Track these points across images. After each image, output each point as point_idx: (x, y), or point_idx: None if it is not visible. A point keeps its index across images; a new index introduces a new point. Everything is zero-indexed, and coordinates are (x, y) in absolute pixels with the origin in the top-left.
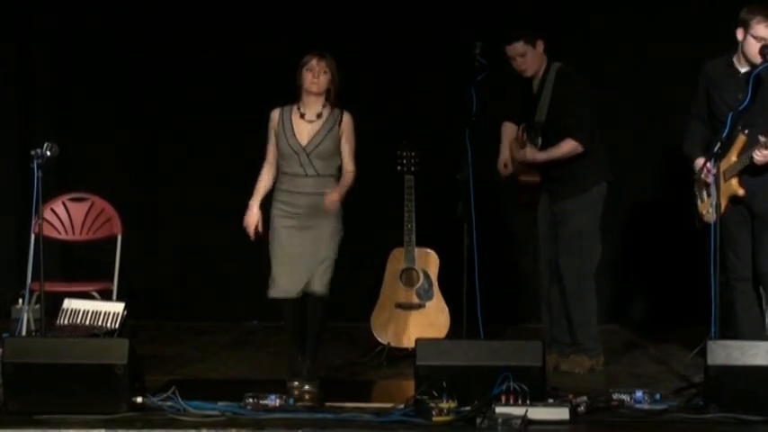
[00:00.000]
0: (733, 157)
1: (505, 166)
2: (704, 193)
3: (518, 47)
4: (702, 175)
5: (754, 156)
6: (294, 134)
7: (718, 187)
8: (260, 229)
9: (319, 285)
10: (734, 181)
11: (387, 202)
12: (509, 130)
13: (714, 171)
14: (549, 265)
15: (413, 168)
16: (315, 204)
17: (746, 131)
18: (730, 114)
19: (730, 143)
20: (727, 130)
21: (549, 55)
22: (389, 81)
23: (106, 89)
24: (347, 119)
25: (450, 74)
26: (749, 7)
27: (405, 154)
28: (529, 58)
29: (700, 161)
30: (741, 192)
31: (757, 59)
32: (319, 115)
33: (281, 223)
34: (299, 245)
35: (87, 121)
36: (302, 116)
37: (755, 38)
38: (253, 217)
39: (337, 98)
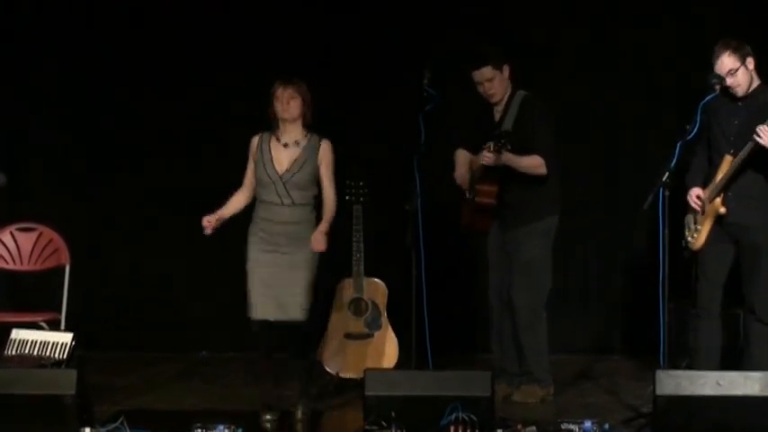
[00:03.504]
0: (718, 177)
1: (463, 180)
2: (690, 220)
3: (486, 72)
4: (688, 198)
5: (758, 132)
6: (272, 162)
7: (700, 213)
8: (211, 227)
9: (297, 312)
10: (717, 200)
11: (335, 232)
12: (462, 156)
13: (695, 195)
14: (499, 294)
15: (361, 198)
16: (291, 233)
17: (732, 151)
18: (679, 143)
19: (716, 166)
20: (675, 159)
21: (513, 81)
22: (337, 110)
23: (57, 119)
24: (326, 147)
25: (399, 103)
26: None
27: (353, 184)
28: (496, 82)
29: (693, 190)
30: (723, 210)
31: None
32: (297, 143)
33: (257, 252)
34: (276, 272)
35: (36, 151)
36: (278, 140)
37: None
38: (212, 216)
39: (313, 121)
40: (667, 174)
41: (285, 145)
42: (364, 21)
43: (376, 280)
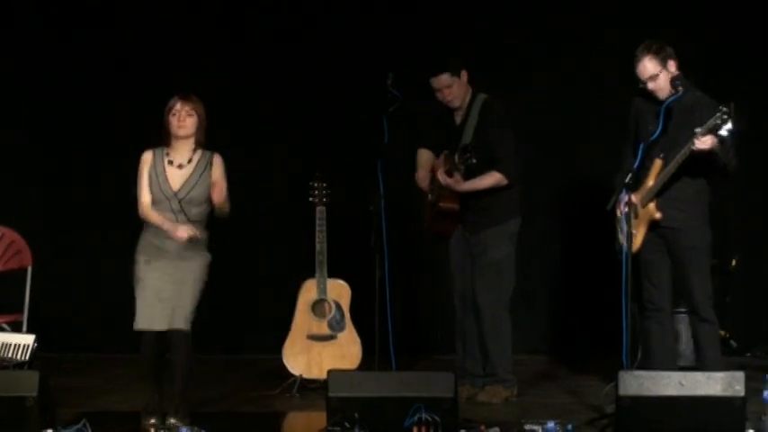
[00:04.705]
0: (650, 182)
1: (424, 181)
2: (623, 225)
3: (444, 79)
4: (616, 207)
5: (696, 143)
6: (166, 179)
7: (633, 217)
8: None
9: (182, 322)
10: (651, 205)
11: (298, 234)
12: (424, 157)
13: (626, 202)
14: (462, 296)
15: (324, 199)
16: (183, 250)
17: (662, 155)
18: (641, 145)
19: (647, 170)
20: (638, 161)
21: (472, 85)
22: (300, 111)
23: (16, 119)
24: (218, 161)
25: (362, 104)
26: None
27: (316, 185)
28: (455, 89)
29: (624, 196)
30: (658, 215)
31: (663, 91)
32: (189, 161)
33: (146, 264)
34: (164, 285)
35: None
36: (171, 163)
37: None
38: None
39: (205, 139)
40: (630, 175)
41: (177, 165)
42: (329, 22)
43: (339, 281)
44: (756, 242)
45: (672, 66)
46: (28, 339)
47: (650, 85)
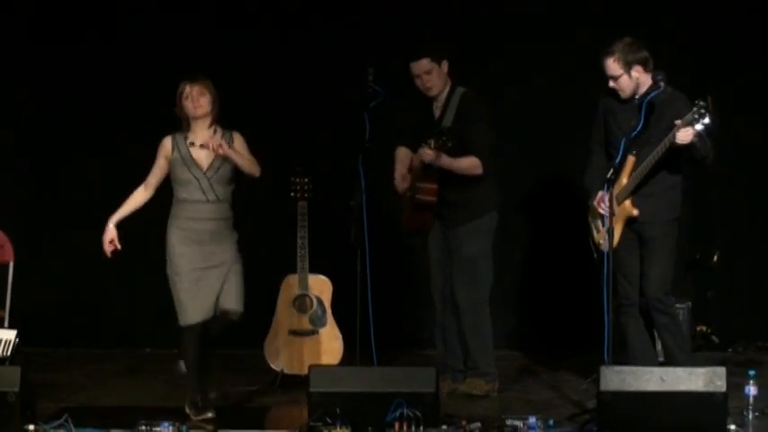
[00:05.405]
0: (624, 179)
1: (403, 179)
2: (599, 223)
3: (424, 63)
4: (595, 203)
5: (677, 136)
6: (193, 160)
7: (612, 214)
8: (117, 245)
9: (237, 303)
10: (627, 203)
11: (280, 229)
12: (403, 154)
13: (607, 198)
14: (441, 291)
15: (306, 195)
16: (215, 230)
17: (635, 152)
18: (623, 140)
19: (620, 167)
20: (620, 156)
21: (452, 78)
22: (282, 107)
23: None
24: (238, 138)
25: (343, 100)
26: None
27: (298, 180)
28: (434, 76)
29: (599, 194)
30: (635, 212)
31: (625, 93)
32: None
33: (183, 249)
34: (204, 269)
35: None
36: (193, 144)
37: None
38: (109, 234)
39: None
40: (612, 170)
41: (201, 146)
42: (310, 18)
43: (321, 276)
44: (738, 238)
45: (637, 71)
46: (10, 335)
47: (611, 84)
